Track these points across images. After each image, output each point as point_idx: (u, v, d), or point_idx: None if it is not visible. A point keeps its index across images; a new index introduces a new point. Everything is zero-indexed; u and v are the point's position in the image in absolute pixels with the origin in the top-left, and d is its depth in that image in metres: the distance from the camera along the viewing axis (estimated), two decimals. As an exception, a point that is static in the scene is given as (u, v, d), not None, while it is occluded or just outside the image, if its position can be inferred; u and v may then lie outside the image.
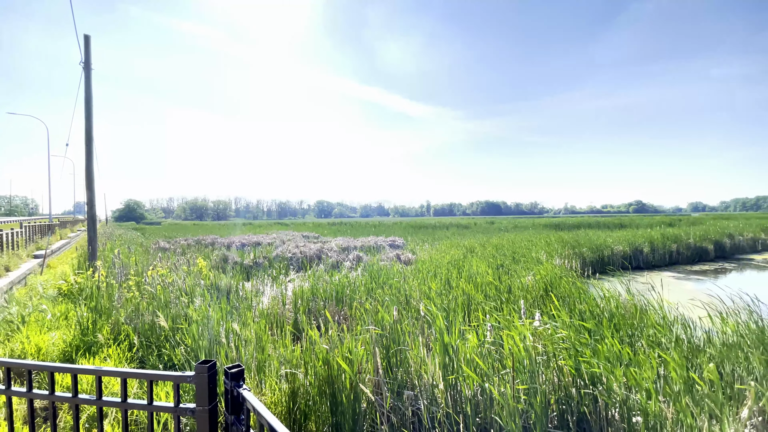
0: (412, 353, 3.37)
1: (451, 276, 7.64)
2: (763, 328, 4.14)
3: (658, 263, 15.77)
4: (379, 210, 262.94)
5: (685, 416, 2.49)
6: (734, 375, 3.60)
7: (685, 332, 4.44)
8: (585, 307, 5.07)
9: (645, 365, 3.14)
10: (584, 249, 14.30)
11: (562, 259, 12.79)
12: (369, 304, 5.69)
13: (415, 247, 16.93)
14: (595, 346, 3.27)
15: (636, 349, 3.92)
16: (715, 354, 3.93)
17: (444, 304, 5.22)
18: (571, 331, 3.51)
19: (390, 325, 3.90)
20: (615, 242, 15.76)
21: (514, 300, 5.72)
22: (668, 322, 4.71)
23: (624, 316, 4.79)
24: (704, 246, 17.12)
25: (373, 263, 10.83)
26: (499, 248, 13.74)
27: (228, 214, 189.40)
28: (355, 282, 7.52)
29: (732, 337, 4.21)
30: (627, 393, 2.67)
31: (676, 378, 2.97)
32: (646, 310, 5.19)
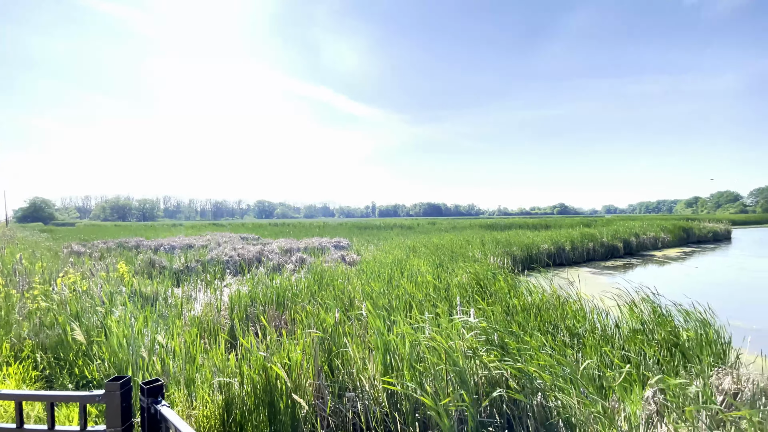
0: (354, 354, 3.37)
1: (394, 276, 7.78)
2: (661, 315, 4.79)
3: (577, 260, 17.50)
4: (324, 211, 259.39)
5: (597, 398, 2.80)
6: (638, 357, 4.12)
7: (599, 321, 4.98)
8: (515, 302, 5.46)
9: (566, 352, 3.47)
10: (515, 248, 15.40)
11: (496, 258, 13.64)
12: (311, 307, 5.59)
13: (360, 247, 16.97)
14: (523, 337, 3.55)
15: (557, 338, 4.32)
16: (623, 340, 4.47)
17: (386, 303, 5.30)
18: (502, 325, 3.77)
19: (332, 328, 3.87)
20: (541, 241, 17.17)
21: (452, 297, 5.98)
22: (584, 312, 5.25)
23: (548, 309, 5.24)
24: (615, 244, 19.34)
25: (316, 265, 10.66)
26: (440, 248, 14.28)
27: (156, 214, 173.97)
28: (298, 285, 7.35)
29: (636, 324, 4.82)
30: (549, 379, 2.93)
31: (591, 363, 3.33)
32: (567, 303, 5.73)
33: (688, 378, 3.50)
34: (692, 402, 2.87)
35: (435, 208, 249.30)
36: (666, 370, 3.77)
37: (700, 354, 3.93)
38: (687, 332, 4.29)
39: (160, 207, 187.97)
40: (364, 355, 3.34)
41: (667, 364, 3.78)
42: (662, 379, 2.98)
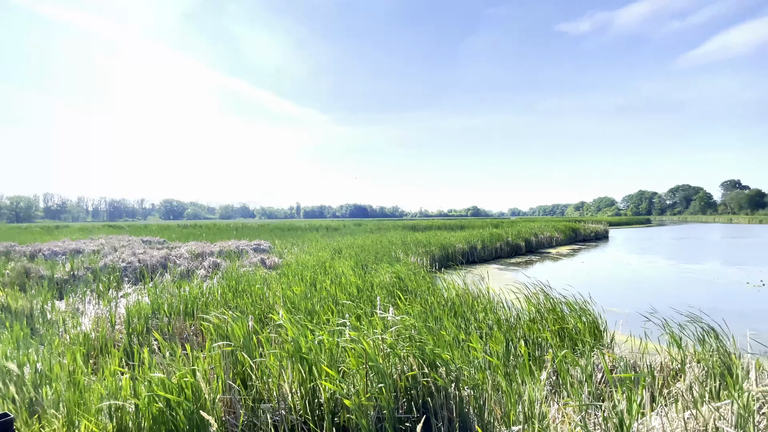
0: (271, 363, 3.22)
1: (318, 278, 7.64)
2: (553, 305, 5.44)
3: (487, 258, 19.11)
4: (242, 211, 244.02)
5: (503, 383, 3.07)
6: (536, 344, 4.64)
7: (504, 313, 5.48)
8: (432, 298, 5.74)
9: (475, 344, 3.75)
10: (434, 247, 16.25)
11: (417, 257, 14.23)
12: (224, 316, 5.21)
13: (283, 250, 16.34)
14: (439, 332, 3.74)
15: (470, 331, 4.65)
16: (524, 328, 4.99)
17: (308, 307, 5.17)
18: (420, 321, 3.93)
19: (246, 337, 3.64)
20: (457, 241, 18.38)
21: (375, 297, 6.08)
22: (492, 305, 5.75)
23: (461, 304, 5.61)
24: (519, 243, 21.56)
25: (232, 270, 9.97)
26: (365, 249, 14.42)
27: (33, 214, 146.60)
28: (210, 292, 6.79)
29: (534, 314, 5.42)
30: (461, 370, 3.13)
31: (498, 352, 3.64)
32: (478, 298, 6.22)
33: (575, 359, 4.03)
34: (578, 379, 3.31)
35: (361, 209, 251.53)
36: (560, 354, 4.30)
37: (584, 338, 4.56)
38: (573, 319, 4.94)
39: (39, 206, 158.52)
40: (281, 362, 3.21)
41: (558, 348, 4.30)
42: (555, 361, 3.38)
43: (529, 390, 2.97)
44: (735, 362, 3.66)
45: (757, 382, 3.34)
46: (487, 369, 3.39)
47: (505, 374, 3.41)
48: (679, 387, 3.13)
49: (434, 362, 3.09)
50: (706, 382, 3.17)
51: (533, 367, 3.53)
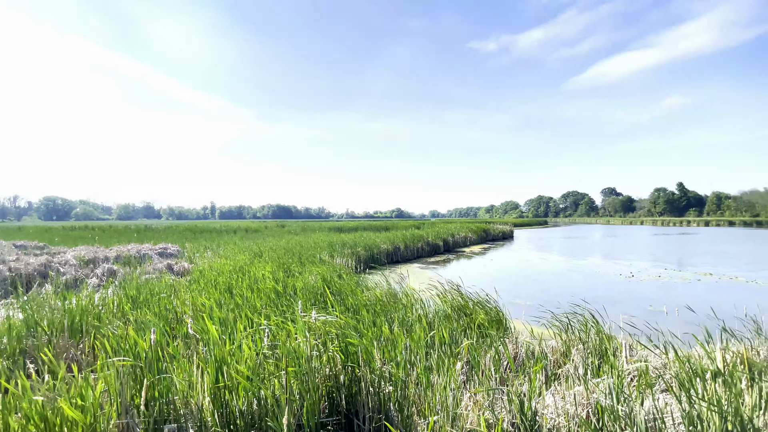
0: (178, 378, 2.93)
1: (234, 284, 7.17)
2: (467, 301, 5.87)
3: (410, 257, 19.88)
4: (146, 211, 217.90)
5: (423, 376, 3.21)
6: (452, 337, 4.95)
7: (424, 309, 5.75)
8: (357, 299, 5.78)
9: (398, 341, 3.86)
10: (360, 248, 16.39)
11: (342, 258, 14.20)
12: (122, 330, 4.60)
13: (195, 254, 14.98)
14: (362, 332, 3.78)
15: (393, 328, 4.79)
16: (442, 323, 5.30)
17: (223, 315, 4.82)
18: (343, 321, 3.93)
19: (148, 352, 3.26)
20: (381, 242, 18.80)
21: (297, 301, 5.91)
22: (413, 303, 5.99)
23: (384, 302, 5.75)
24: (438, 243, 22.83)
25: (132, 278, 8.85)
26: (288, 251, 13.93)
27: None
28: (104, 304, 5.93)
29: (449, 309, 5.79)
30: (383, 366, 3.20)
31: (418, 347, 3.80)
32: (399, 296, 6.43)
33: (485, 349, 4.39)
34: (487, 367, 3.61)
35: (285, 210, 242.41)
36: (471, 345, 4.65)
37: (492, 329, 4.99)
38: (483, 313, 5.39)
39: None
40: (191, 377, 2.94)
41: (471, 339, 4.65)
42: (467, 353, 3.64)
43: (445, 381, 3.16)
44: (610, 343, 4.34)
45: (627, 359, 4.00)
46: (409, 364, 3.53)
47: (425, 368, 3.58)
48: (567, 368, 3.61)
49: (358, 362, 3.11)
50: (588, 361, 3.71)
51: (450, 359, 3.77)
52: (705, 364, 3.78)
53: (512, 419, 2.50)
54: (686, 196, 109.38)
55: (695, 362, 3.90)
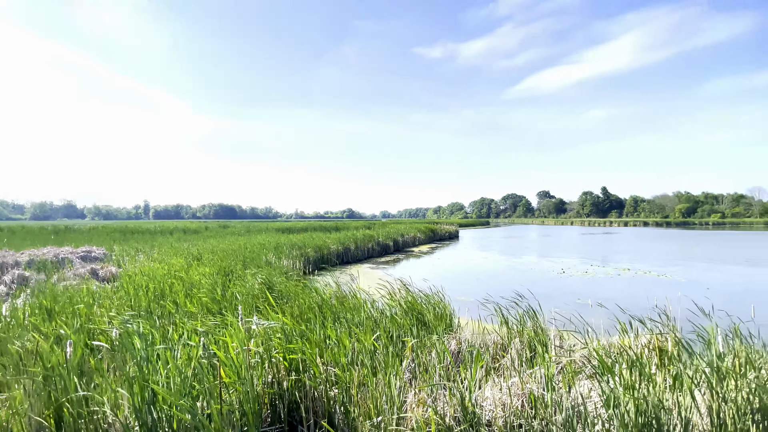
0: (98, 395, 2.64)
1: (167, 289, 6.66)
2: (415, 300, 5.98)
3: (360, 257, 19.89)
4: (67, 210, 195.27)
5: (369, 377, 3.21)
6: (399, 336, 5.02)
7: (373, 309, 5.76)
8: (304, 301, 5.64)
9: (345, 342, 3.82)
10: (309, 249, 16.06)
11: (290, 260, 13.82)
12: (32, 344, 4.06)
13: (125, 258, 13.70)
14: (307, 335, 3.69)
15: (340, 330, 4.74)
16: (390, 322, 5.35)
17: (153, 324, 4.45)
18: (288, 326, 3.81)
19: (64, 367, 2.91)
20: (332, 242, 18.59)
21: (242, 305, 5.63)
22: (362, 303, 5.98)
23: (332, 304, 5.67)
24: (388, 243, 23.09)
25: (46, 285, 7.87)
26: (230, 253, 13.25)
27: None
28: (13, 315, 5.21)
29: (397, 308, 5.86)
30: (329, 370, 3.15)
31: (366, 348, 3.80)
32: (348, 297, 6.39)
33: (431, 345, 4.50)
34: (432, 364, 3.70)
35: (229, 210, 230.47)
36: (418, 343, 4.75)
37: (438, 326, 5.14)
38: (429, 310, 5.53)
39: None
40: (112, 393, 2.66)
41: (417, 337, 4.75)
42: (412, 351, 3.71)
43: (391, 380, 3.18)
44: (543, 335, 4.67)
45: (557, 350, 4.33)
46: (355, 366, 3.51)
47: (372, 368, 3.58)
48: (506, 360, 3.82)
49: (302, 367, 3.03)
50: (524, 353, 3.96)
51: (396, 358, 3.81)
52: (623, 351, 4.20)
53: (454, 413, 2.59)
54: (609, 200, 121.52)
55: (615, 350, 4.32)
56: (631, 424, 2.26)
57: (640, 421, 2.26)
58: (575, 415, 2.41)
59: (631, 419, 2.26)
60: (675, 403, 2.46)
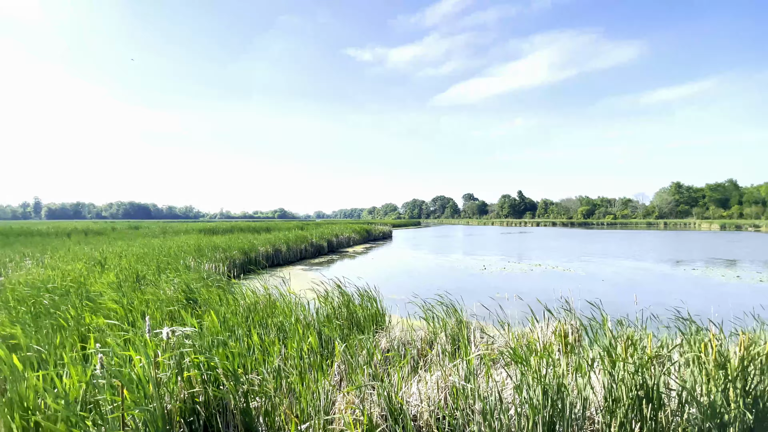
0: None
1: (60, 301, 5.77)
2: (348, 300, 5.94)
3: (292, 259, 19.27)
4: None
5: (297, 383, 3.10)
6: (331, 337, 4.94)
7: (303, 312, 5.60)
8: (227, 308, 5.28)
9: (271, 349, 3.65)
10: (235, 252, 15.12)
11: (213, 264, 12.88)
12: None
13: (8, 264, 11.59)
14: (229, 344, 3.45)
15: (266, 337, 4.52)
16: (321, 324, 5.24)
17: (38, 340, 3.81)
18: (207, 335, 3.52)
19: None
20: (261, 244, 17.73)
21: (150, 315, 5.08)
22: (292, 307, 5.78)
23: (259, 310, 5.40)
24: (322, 244, 22.72)
25: None
26: (143, 257, 11.92)
27: None
28: None
29: (329, 310, 5.78)
30: (252, 379, 2.98)
31: (294, 353, 3.67)
32: (277, 301, 6.13)
33: (361, 345, 4.51)
34: (360, 365, 3.70)
35: (141, 209, 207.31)
36: (349, 343, 4.72)
37: (369, 324, 5.17)
38: (362, 310, 5.55)
39: None
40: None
41: (348, 338, 4.72)
42: (341, 353, 3.68)
43: (320, 384, 3.12)
44: (466, 328, 4.95)
45: (477, 343, 4.61)
46: (283, 372, 3.37)
47: (300, 373, 3.47)
48: (432, 355, 3.98)
49: (222, 378, 2.82)
50: (448, 347, 4.16)
51: (326, 361, 3.74)
52: (533, 340, 4.63)
53: (381, 412, 2.62)
54: (524, 202, 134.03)
55: (527, 339, 4.75)
56: (539, 406, 2.49)
57: (548, 403, 2.51)
58: (493, 403, 2.58)
59: (539, 402, 2.50)
60: (575, 384, 2.78)
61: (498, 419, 2.46)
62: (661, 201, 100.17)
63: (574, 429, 2.52)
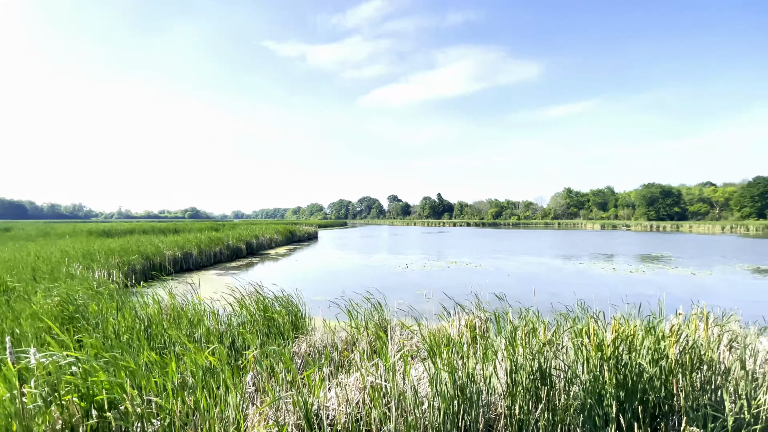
0: None
1: None
2: (267, 305, 5.64)
3: (205, 263, 17.76)
4: None
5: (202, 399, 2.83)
6: (247, 345, 4.63)
7: (215, 321, 5.17)
8: (120, 321, 4.65)
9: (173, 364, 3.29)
10: (135, 256, 13.42)
11: (106, 271, 11.28)
12: None
13: None
14: (120, 363, 3.03)
15: (167, 350, 4.07)
16: (236, 332, 4.89)
17: None
18: (92, 355, 3.04)
19: None
20: (167, 247, 16.03)
21: (20, 336, 4.24)
22: (200, 315, 5.31)
23: (161, 320, 4.85)
24: (240, 246, 21.33)
25: None
26: (12, 266, 9.93)
27: None
28: None
29: (246, 316, 5.43)
30: (149, 401, 2.65)
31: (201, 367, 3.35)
32: (185, 310, 5.58)
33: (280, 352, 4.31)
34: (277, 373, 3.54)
35: (15, 208, 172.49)
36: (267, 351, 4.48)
37: (290, 329, 4.99)
38: (281, 314, 5.32)
39: None
40: None
41: (266, 345, 4.49)
42: (256, 360, 3.48)
43: (231, 398, 2.90)
44: (387, 326, 5.05)
45: (397, 340, 4.73)
46: (188, 389, 3.06)
47: (209, 388, 3.19)
48: (353, 355, 3.97)
49: (111, 401, 2.45)
50: (369, 346, 4.19)
51: (238, 372, 3.50)
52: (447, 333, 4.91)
53: (297, 420, 2.52)
54: (443, 204, 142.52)
55: (442, 333, 5.02)
56: (449, 396, 2.64)
57: (458, 394, 2.67)
58: (409, 399, 2.67)
59: (449, 392, 2.64)
60: (484, 374, 3.00)
61: (413, 414, 2.54)
62: (555, 204, 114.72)
63: (480, 415, 2.72)
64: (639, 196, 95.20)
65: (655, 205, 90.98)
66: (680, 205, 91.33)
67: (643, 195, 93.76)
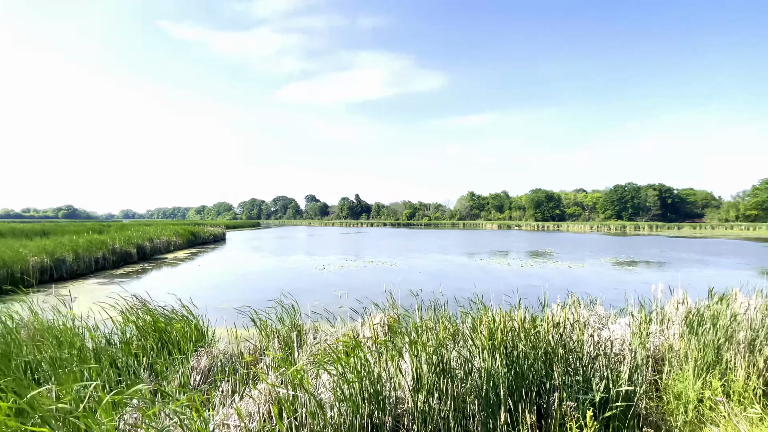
0: None
1: None
2: (157, 318, 5.01)
3: (84, 271, 15.16)
4: None
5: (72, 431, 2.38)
6: (133, 364, 4.05)
7: (94, 338, 4.42)
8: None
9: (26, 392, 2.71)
10: (-19, 265, 10.84)
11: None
12: None
13: None
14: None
15: (29, 378, 3.35)
16: (120, 350, 4.25)
17: None
18: None
19: None
20: (32, 253, 13.31)
21: None
22: (77, 332, 4.50)
23: (18, 342, 3.99)
24: (129, 250, 18.69)
25: None
26: None
27: None
28: None
29: (133, 331, 4.76)
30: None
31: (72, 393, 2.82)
32: (55, 326, 4.67)
33: (174, 368, 3.87)
34: (171, 390, 3.17)
35: None
36: (160, 369, 3.98)
37: (186, 343, 4.51)
38: (177, 326, 4.79)
39: None
40: None
41: (157, 361, 4.00)
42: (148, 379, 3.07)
43: (109, 425, 2.51)
44: (300, 330, 4.90)
45: (309, 345, 4.62)
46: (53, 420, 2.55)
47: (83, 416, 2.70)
48: (262, 364, 3.76)
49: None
50: (279, 353, 4.01)
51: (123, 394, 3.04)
52: (361, 333, 4.96)
53: (192, 444, 2.28)
54: (360, 205, 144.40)
55: (356, 333, 5.05)
56: (359, 400, 2.65)
57: (367, 396, 2.70)
58: (316, 406, 2.61)
59: (358, 395, 2.66)
60: (394, 371, 3.09)
61: (320, 421, 2.49)
62: (460, 206, 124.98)
63: (388, 413, 2.79)
64: (528, 200, 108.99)
65: (541, 208, 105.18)
66: (560, 207, 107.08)
67: (531, 199, 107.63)
